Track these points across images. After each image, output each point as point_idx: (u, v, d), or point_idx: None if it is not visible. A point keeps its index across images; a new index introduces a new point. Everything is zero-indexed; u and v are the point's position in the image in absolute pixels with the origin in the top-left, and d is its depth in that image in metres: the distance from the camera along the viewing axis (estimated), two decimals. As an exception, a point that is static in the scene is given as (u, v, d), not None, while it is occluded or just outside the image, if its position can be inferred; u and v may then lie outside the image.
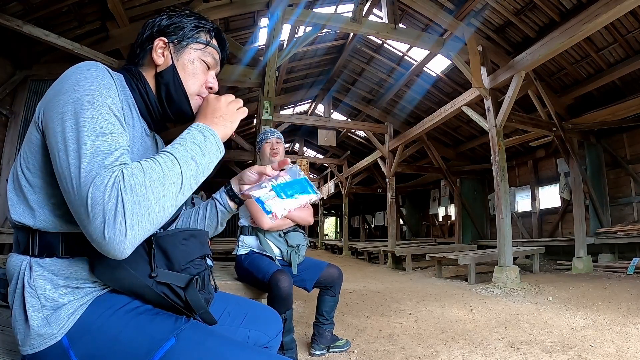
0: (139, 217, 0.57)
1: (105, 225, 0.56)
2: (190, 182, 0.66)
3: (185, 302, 0.72)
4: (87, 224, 0.57)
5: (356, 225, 19.76)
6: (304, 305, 3.53)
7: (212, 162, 0.71)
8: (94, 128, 0.61)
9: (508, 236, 4.80)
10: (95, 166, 0.58)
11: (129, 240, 0.57)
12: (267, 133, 2.22)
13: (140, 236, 0.59)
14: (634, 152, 6.54)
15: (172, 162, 0.64)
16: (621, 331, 2.53)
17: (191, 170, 0.66)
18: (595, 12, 3.69)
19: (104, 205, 0.56)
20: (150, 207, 0.59)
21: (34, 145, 0.68)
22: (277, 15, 4.61)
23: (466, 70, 5.44)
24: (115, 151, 0.61)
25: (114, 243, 0.57)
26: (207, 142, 0.70)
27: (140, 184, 0.58)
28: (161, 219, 0.62)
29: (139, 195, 0.58)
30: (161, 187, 0.61)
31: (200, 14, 0.89)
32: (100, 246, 0.58)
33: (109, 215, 0.56)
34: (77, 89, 0.63)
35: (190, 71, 0.84)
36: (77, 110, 0.61)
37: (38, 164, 0.67)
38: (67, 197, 0.60)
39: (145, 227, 0.59)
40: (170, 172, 0.63)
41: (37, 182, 0.68)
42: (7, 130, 4.46)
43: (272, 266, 1.89)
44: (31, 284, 0.66)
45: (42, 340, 0.65)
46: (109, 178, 0.57)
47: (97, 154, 0.59)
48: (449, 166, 9.63)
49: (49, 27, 3.98)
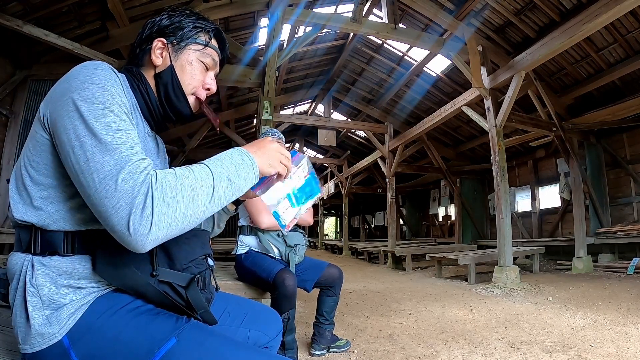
0: (166, 217, 0.58)
1: (131, 218, 0.56)
2: (221, 197, 0.66)
3: (187, 301, 0.72)
4: (110, 215, 0.57)
5: (356, 225, 19.76)
6: (304, 305, 3.53)
7: (246, 185, 0.71)
8: (109, 125, 0.61)
9: (508, 236, 4.80)
10: (120, 160, 0.58)
11: (152, 236, 0.57)
12: (268, 133, 2.22)
13: (164, 235, 0.59)
14: (634, 152, 6.54)
15: (207, 173, 0.65)
16: (621, 331, 2.53)
17: (224, 186, 0.66)
18: (595, 12, 3.69)
19: (133, 199, 0.56)
20: (178, 210, 0.59)
21: (40, 144, 0.67)
22: (277, 15, 4.61)
23: (466, 70, 5.44)
24: (135, 147, 0.61)
25: (137, 235, 0.57)
26: (244, 166, 0.70)
27: (171, 187, 0.59)
28: (187, 225, 0.62)
29: (168, 196, 0.58)
30: (191, 193, 0.61)
31: (200, 14, 0.88)
32: (122, 237, 0.58)
33: (137, 208, 0.56)
34: (87, 87, 0.63)
35: (188, 72, 0.84)
36: (88, 107, 0.61)
37: (44, 162, 0.67)
38: (86, 191, 0.59)
39: (170, 227, 0.59)
40: (202, 181, 0.63)
41: (43, 180, 0.68)
42: (7, 130, 4.46)
43: (276, 265, 1.90)
44: (33, 283, 0.66)
45: (43, 339, 0.65)
46: (139, 175, 0.58)
47: (119, 148, 0.59)
48: (449, 166, 9.63)
49: (49, 27, 3.98)
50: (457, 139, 9.71)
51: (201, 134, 7.98)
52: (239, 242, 2.12)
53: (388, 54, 8.03)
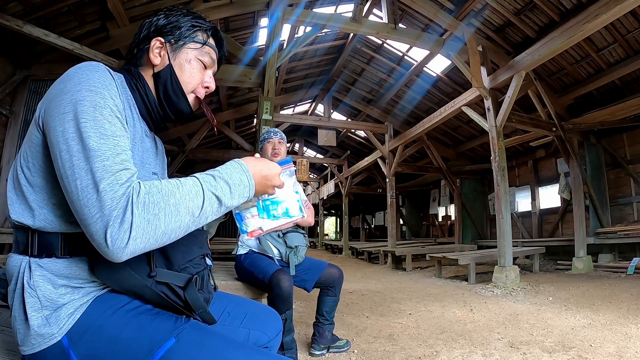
0: (144, 233, 0.58)
1: (109, 230, 0.56)
2: (208, 217, 0.66)
3: (185, 301, 0.72)
4: (89, 224, 0.57)
5: (356, 225, 19.76)
6: (304, 305, 3.53)
7: (233, 205, 0.70)
8: (97, 129, 0.61)
9: (508, 236, 4.80)
10: (102, 169, 0.58)
11: (128, 249, 0.58)
12: (269, 132, 2.22)
13: (141, 249, 0.59)
14: (634, 152, 6.54)
15: (197, 193, 0.64)
16: (621, 331, 2.53)
17: (212, 207, 0.66)
18: (595, 12, 3.69)
19: (110, 212, 0.56)
20: (158, 228, 0.59)
21: (35, 145, 0.67)
22: (277, 15, 4.61)
23: (466, 70, 5.44)
24: (120, 155, 0.61)
25: (114, 249, 0.57)
26: (241, 187, 0.70)
27: (154, 204, 0.59)
28: (166, 241, 0.62)
29: (150, 213, 0.58)
30: (175, 213, 0.61)
31: (197, 12, 0.88)
32: (99, 247, 0.58)
33: (115, 221, 0.56)
34: (79, 89, 0.63)
35: (187, 70, 0.84)
36: (79, 110, 0.61)
37: (38, 163, 0.67)
38: (70, 197, 0.60)
39: (148, 243, 0.59)
40: (190, 202, 0.63)
41: (37, 182, 0.68)
42: (7, 130, 4.46)
43: (273, 266, 1.89)
44: (31, 284, 0.66)
45: (42, 340, 0.65)
46: (120, 188, 0.58)
47: (102, 156, 0.59)
48: (449, 166, 9.63)
49: (49, 27, 3.98)
50: (457, 139, 9.71)
51: (201, 134, 7.97)
52: (239, 243, 2.12)
53: (388, 54, 8.03)
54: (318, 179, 17.84)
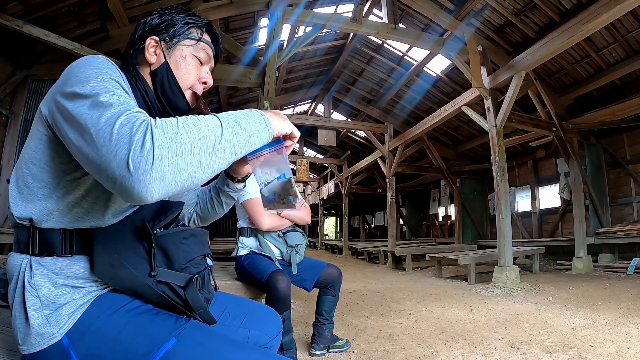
0: (169, 151, 0.52)
1: (131, 155, 0.51)
2: (233, 141, 0.61)
3: (185, 301, 0.72)
4: (109, 162, 0.52)
5: (356, 225, 19.75)
6: (303, 305, 3.53)
7: (259, 136, 0.66)
8: (107, 92, 0.59)
9: (508, 236, 4.80)
10: (117, 111, 0.55)
11: (155, 172, 0.51)
12: None
13: (171, 174, 0.53)
14: (634, 152, 6.54)
15: (211, 116, 0.61)
16: (621, 331, 2.53)
17: (234, 130, 0.62)
18: (595, 12, 3.69)
19: (131, 137, 0.51)
20: (183, 145, 0.54)
21: (40, 141, 0.68)
22: (277, 15, 4.61)
23: (466, 70, 5.44)
24: (134, 107, 0.58)
25: (139, 173, 0.50)
26: (253, 116, 0.67)
27: (172, 124, 0.55)
28: (197, 165, 0.55)
29: (170, 132, 0.53)
30: (196, 129, 0.56)
31: (191, 10, 0.89)
32: (123, 182, 0.52)
33: (136, 145, 0.51)
34: (83, 70, 0.63)
35: (183, 67, 0.84)
36: (86, 84, 0.60)
37: (44, 158, 0.67)
38: (85, 151, 0.55)
39: (176, 164, 0.53)
40: (207, 121, 0.59)
41: (43, 176, 0.68)
42: (7, 130, 4.46)
43: (270, 266, 1.89)
44: (31, 283, 0.66)
45: (42, 339, 0.65)
46: (138, 118, 0.54)
47: (115, 102, 0.57)
48: (449, 166, 9.63)
49: (49, 27, 3.98)
50: (457, 139, 9.71)
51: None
52: (239, 244, 2.12)
53: (388, 54, 8.03)
54: (318, 179, 17.83)
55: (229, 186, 0.99)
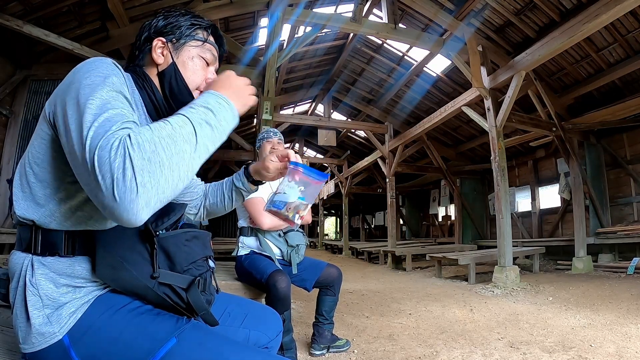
0: (150, 174, 0.53)
1: (115, 185, 0.52)
2: (206, 144, 0.62)
3: (187, 303, 0.73)
4: (98, 190, 0.53)
5: (356, 225, 19.75)
6: (303, 305, 3.53)
7: (227, 129, 0.67)
8: (102, 104, 0.59)
9: (508, 236, 4.80)
10: (101, 132, 0.55)
11: (141, 199, 0.53)
12: (269, 132, 2.22)
13: (155, 196, 0.54)
14: (634, 152, 6.54)
15: (184, 121, 0.60)
16: (621, 331, 2.53)
17: (205, 133, 0.62)
18: (595, 12, 3.69)
19: (111, 164, 0.52)
20: (162, 164, 0.55)
21: (44, 141, 0.68)
22: (277, 15, 4.61)
23: (466, 70, 5.44)
24: (122, 120, 0.58)
25: (126, 203, 0.52)
26: (222, 108, 0.66)
27: (148, 141, 0.55)
28: (177, 180, 0.57)
29: (147, 151, 0.54)
30: (172, 143, 0.57)
31: (195, 12, 0.90)
32: (112, 211, 0.53)
33: (117, 173, 0.52)
34: (88, 76, 0.63)
35: (190, 68, 0.85)
36: (88, 92, 0.60)
37: (47, 158, 0.68)
38: (78, 171, 0.58)
39: (159, 186, 0.54)
40: (181, 129, 0.59)
41: (45, 177, 0.68)
42: (7, 130, 4.46)
43: (270, 266, 1.89)
44: (33, 282, 0.66)
45: (43, 339, 0.65)
46: (115, 139, 0.54)
47: (104, 122, 0.57)
48: (449, 166, 9.63)
49: (49, 27, 3.98)
50: (457, 139, 9.71)
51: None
52: (239, 244, 2.12)
53: (388, 54, 8.03)
54: (318, 179, 17.79)
55: (244, 185, 1.03)
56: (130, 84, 0.77)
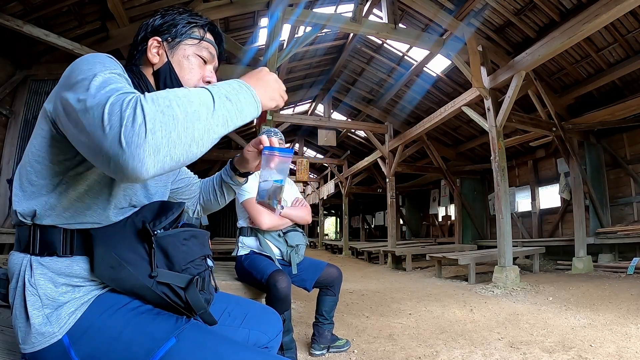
0: (162, 124, 0.51)
1: (122, 130, 0.49)
2: (225, 115, 0.59)
3: (186, 302, 0.72)
4: (103, 141, 0.51)
5: (356, 225, 19.76)
6: (303, 305, 3.53)
7: (249, 112, 0.65)
8: (106, 79, 0.58)
9: (508, 236, 4.80)
10: (112, 91, 0.54)
11: (149, 145, 0.50)
12: (269, 132, 2.21)
13: (166, 147, 0.51)
14: (634, 152, 6.54)
15: (203, 90, 0.60)
16: (621, 331, 2.53)
17: (225, 104, 0.60)
18: (595, 12, 3.69)
19: (122, 113, 0.50)
20: (176, 118, 0.52)
21: (43, 139, 0.68)
22: (277, 15, 4.61)
23: (466, 70, 5.44)
24: (130, 89, 0.58)
25: (132, 148, 0.49)
26: (242, 91, 0.65)
27: (163, 97, 0.53)
28: (190, 139, 0.54)
29: (162, 105, 0.52)
30: (188, 103, 0.55)
31: (193, 10, 0.90)
32: (117, 160, 0.50)
33: (127, 120, 0.50)
34: (86, 64, 0.63)
35: (185, 67, 0.85)
36: (89, 75, 0.59)
37: (48, 156, 0.68)
38: (82, 136, 0.55)
39: (170, 138, 0.51)
40: (199, 94, 0.58)
41: (45, 173, 0.68)
42: (7, 130, 4.46)
43: (270, 266, 1.89)
44: (32, 282, 0.66)
45: (43, 338, 0.65)
46: (128, 95, 0.53)
47: (113, 88, 0.56)
48: (449, 166, 9.63)
49: (49, 27, 3.98)
50: (457, 139, 9.71)
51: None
52: (239, 244, 2.12)
53: (388, 54, 8.03)
54: (318, 179, 17.83)
55: (232, 179, 1.05)
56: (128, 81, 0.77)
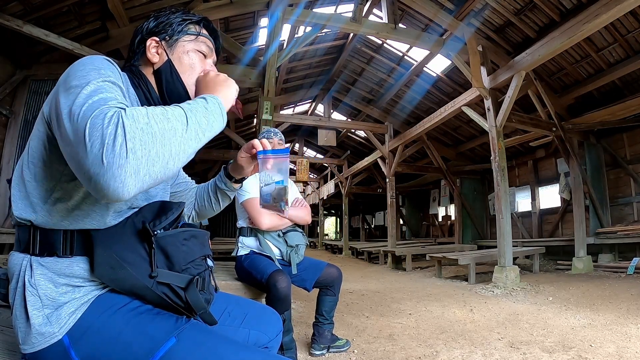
0: (141, 143, 0.53)
1: (104, 150, 0.51)
2: (197, 129, 0.62)
3: (186, 302, 0.72)
4: (84, 157, 0.52)
5: (356, 225, 19.75)
6: (303, 305, 3.53)
7: (216, 125, 0.68)
8: (96, 89, 0.59)
9: (508, 236, 4.80)
10: (95, 106, 0.55)
11: (130, 166, 0.52)
12: (270, 132, 2.21)
13: (145, 167, 0.53)
14: (634, 152, 6.54)
15: (175, 106, 0.63)
16: (621, 331, 2.53)
17: (197, 118, 0.63)
18: (595, 12, 3.69)
19: (103, 130, 0.52)
20: (155, 135, 0.55)
21: (40, 140, 0.68)
22: (277, 15, 4.61)
23: (466, 70, 5.44)
24: (117, 100, 0.59)
25: (114, 169, 0.51)
26: (209, 104, 0.68)
27: (142, 115, 0.55)
28: (168, 155, 0.56)
29: (141, 122, 0.54)
30: (165, 120, 0.57)
31: (185, 9, 0.91)
32: (98, 179, 0.52)
33: (109, 139, 0.51)
34: (82, 68, 0.64)
35: (186, 63, 0.85)
36: (82, 82, 0.60)
37: (43, 158, 0.68)
38: (67, 149, 0.56)
39: (149, 156, 0.54)
40: (173, 110, 0.61)
41: (42, 177, 0.68)
42: (7, 130, 4.46)
43: (270, 266, 1.89)
44: (32, 283, 0.66)
45: (43, 339, 0.65)
46: (110, 110, 0.54)
47: (98, 100, 0.57)
48: (449, 166, 9.63)
49: (49, 27, 3.98)
50: (457, 139, 9.71)
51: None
52: (239, 244, 2.12)
53: (388, 54, 8.03)
54: (318, 179, 17.83)
55: (226, 185, 1.05)
56: (125, 81, 0.77)
